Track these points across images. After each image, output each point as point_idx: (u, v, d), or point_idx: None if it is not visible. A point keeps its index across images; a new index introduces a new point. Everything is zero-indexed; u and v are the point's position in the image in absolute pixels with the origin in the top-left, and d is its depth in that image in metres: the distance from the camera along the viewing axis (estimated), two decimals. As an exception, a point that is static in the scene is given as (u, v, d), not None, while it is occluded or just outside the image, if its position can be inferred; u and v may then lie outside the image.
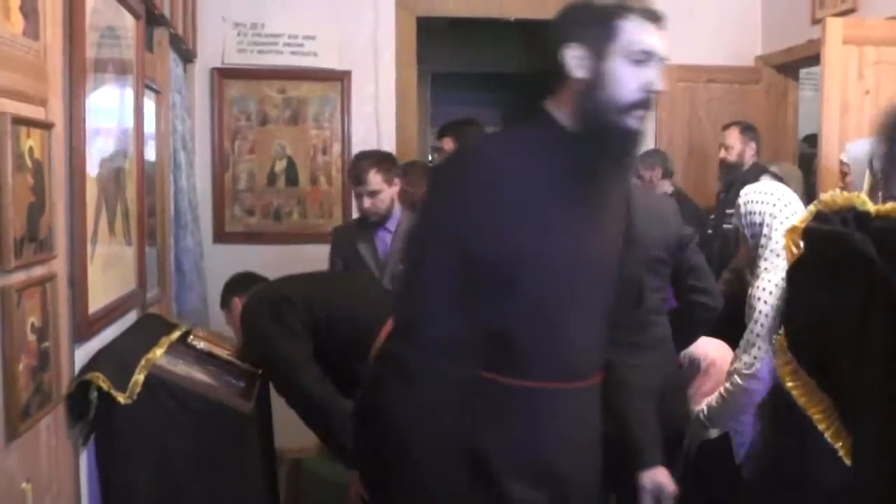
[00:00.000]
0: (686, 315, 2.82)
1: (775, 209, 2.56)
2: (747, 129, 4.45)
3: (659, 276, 2.70)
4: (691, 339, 2.88)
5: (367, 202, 3.43)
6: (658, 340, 2.67)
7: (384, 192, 3.42)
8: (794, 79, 5.06)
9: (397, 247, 3.45)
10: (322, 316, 2.75)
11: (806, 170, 4.94)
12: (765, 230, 2.57)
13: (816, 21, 4.31)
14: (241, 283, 3.14)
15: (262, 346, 2.76)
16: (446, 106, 7.90)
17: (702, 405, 2.68)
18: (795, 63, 4.84)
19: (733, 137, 4.42)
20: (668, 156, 4.69)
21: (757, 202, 2.61)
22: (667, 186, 4.65)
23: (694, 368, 2.88)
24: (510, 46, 7.29)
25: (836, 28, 3.60)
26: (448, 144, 3.93)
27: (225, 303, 3.17)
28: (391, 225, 3.51)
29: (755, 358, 2.41)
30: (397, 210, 3.52)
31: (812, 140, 5.14)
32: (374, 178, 3.38)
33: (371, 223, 3.50)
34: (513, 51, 7.40)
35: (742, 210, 2.63)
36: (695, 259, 2.82)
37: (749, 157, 4.40)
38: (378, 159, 3.48)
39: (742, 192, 2.68)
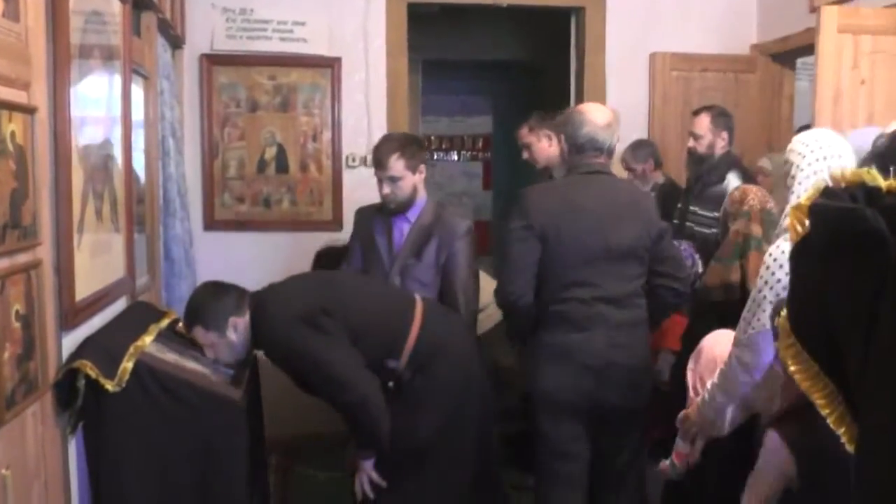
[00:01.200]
0: (655, 299, 3.06)
1: (804, 161, 2.38)
2: (719, 117, 3.99)
3: (643, 263, 2.98)
4: (659, 321, 3.19)
5: (386, 188, 3.18)
6: (638, 321, 2.99)
7: (406, 178, 3.17)
8: (791, 68, 5.03)
9: (412, 239, 3.23)
10: (357, 321, 2.78)
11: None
12: (788, 181, 2.45)
13: (814, 9, 4.28)
14: (228, 304, 2.76)
15: (310, 363, 2.69)
16: (437, 94, 7.85)
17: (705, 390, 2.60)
18: (792, 52, 4.80)
19: (703, 126, 3.97)
20: (657, 146, 4.66)
21: (790, 151, 2.47)
22: (658, 177, 4.62)
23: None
24: (502, 33, 7.26)
25: (831, 16, 3.58)
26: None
27: (215, 325, 2.75)
28: (412, 214, 3.26)
29: (755, 324, 2.31)
30: (421, 199, 3.26)
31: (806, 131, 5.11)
32: (396, 164, 3.14)
33: (390, 210, 3.26)
34: (505, 38, 7.37)
35: (785, 157, 2.51)
36: (671, 250, 3.10)
37: (720, 148, 3.95)
38: (402, 143, 3.22)
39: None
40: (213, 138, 4.64)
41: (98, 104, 2.64)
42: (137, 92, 3.22)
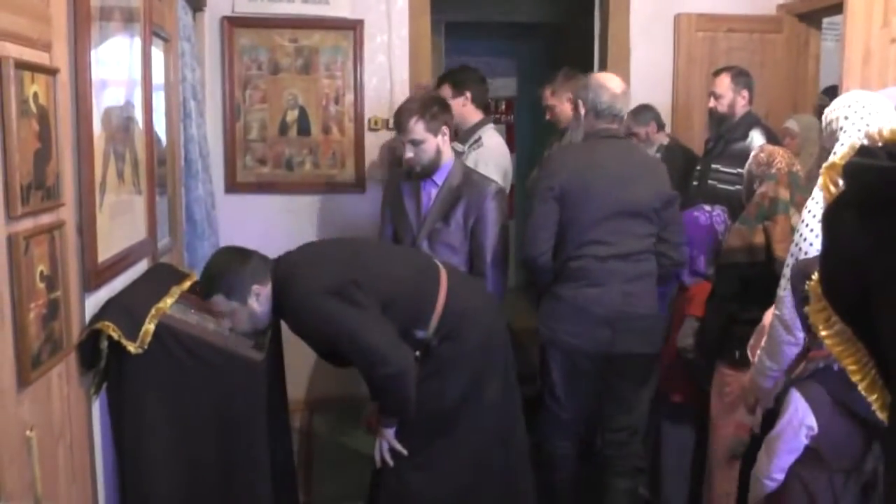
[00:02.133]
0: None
1: (849, 122, 2.35)
2: (739, 76, 4.08)
3: (653, 223, 3.17)
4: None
5: (409, 152, 3.17)
6: (647, 274, 3.19)
7: (428, 142, 3.15)
8: (817, 28, 4.94)
9: (440, 203, 3.24)
10: (386, 292, 2.72)
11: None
12: (831, 142, 2.41)
13: (841, -33, 4.19)
14: (251, 271, 2.70)
15: (346, 337, 2.63)
16: (460, 56, 7.76)
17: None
18: (818, 12, 4.71)
19: (723, 85, 4.06)
20: (657, 110, 4.59)
21: (833, 111, 2.45)
22: (663, 138, 4.57)
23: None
24: (525, -5, 7.17)
25: (861, -27, 3.49)
26: (446, 91, 3.88)
27: (238, 293, 2.68)
28: (439, 177, 3.25)
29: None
30: (448, 162, 3.25)
31: (832, 92, 5.02)
32: (416, 127, 3.13)
33: (417, 174, 3.25)
34: (529, 0, 7.27)
35: (823, 122, 2.49)
36: (677, 218, 3.27)
37: (741, 107, 4.05)
38: (422, 106, 3.18)
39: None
40: (235, 101, 4.62)
41: (119, 66, 2.63)
42: (158, 54, 3.21)
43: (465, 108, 3.91)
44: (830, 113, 2.47)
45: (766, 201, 2.97)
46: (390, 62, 4.73)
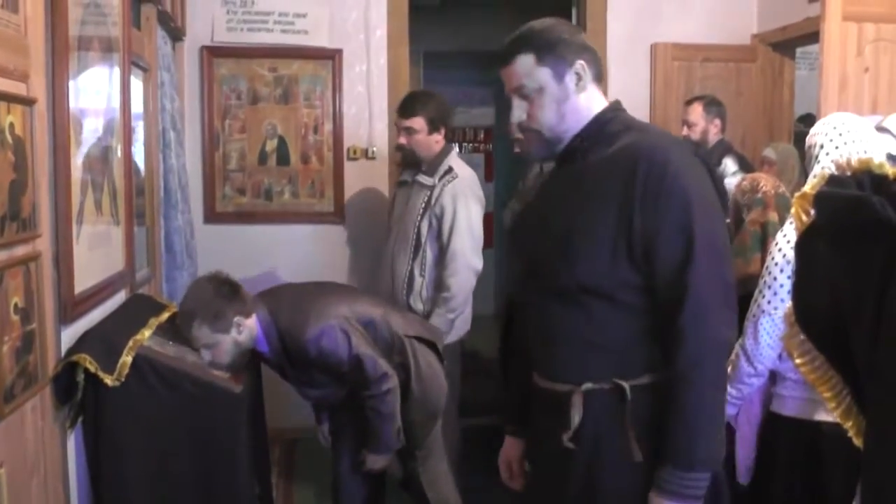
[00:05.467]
0: None
1: (827, 138, 2.40)
2: (711, 105, 4.21)
3: None
4: None
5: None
6: None
7: (221, 343, 2.66)
8: (791, 57, 5.01)
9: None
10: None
11: (802, 149, 4.89)
12: (812, 164, 2.43)
13: (813, -1, 4.26)
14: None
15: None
16: (438, 85, 7.81)
17: None
18: (792, 41, 4.78)
19: (696, 114, 4.19)
20: None
21: (814, 134, 2.47)
22: None
23: None
24: (503, 24, 7.21)
25: (835, 4, 3.56)
26: (418, 123, 3.54)
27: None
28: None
29: (755, 311, 2.35)
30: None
31: (808, 120, 5.09)
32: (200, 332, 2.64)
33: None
34: (506, 28, 7.31)
35: (805, 147, 2.51)
36: None
37: (714, 135, 4.17)
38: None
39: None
40: (214, 130, 4.62)
41: (97, 96, 2.62)
42: (137, 84, 3.21)
43: (429, 138, 3.63)
44: (811, 138, 2.49)
45: (756, 227, 2.97)
46: (369, 91, 4.75)
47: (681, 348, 1.66)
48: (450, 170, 3.54)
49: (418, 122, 3.52)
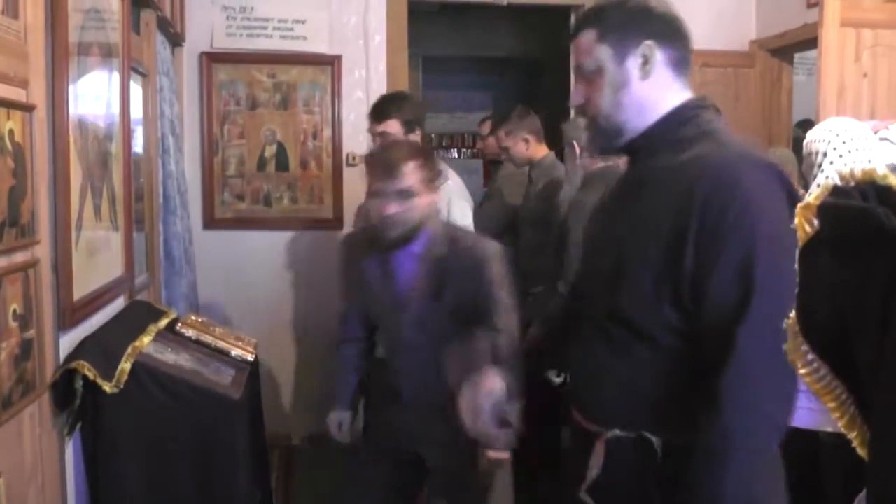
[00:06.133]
0: None
1: (830, 146, 2.33)
2: None
3: None
4: None
5: (391, 205, 2.54)
6: None
7: (421, 196, 2.50)
8: (789, 63, 5.03)
9: (424, 281, 2.53)
10: None
11: (800, 154, 4.90)
12: (814, 169, 2.37)
13: (812, 4, 4.27)
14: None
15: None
16: (437, 90, 7.84)
17: None
18: (790, 47, 4.80)
19: None
20: None
21: (813, 140, 2.42)
22: None
23: None
24: (502, 30, 7.25)
25: (833, 10, 3.57)
26: (394, 127, 3.26)
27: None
28: (417, 247, 2.57)
29: None
30: (429, 228, 2.56)
31: (806, 125, 5.09)
32: (412, 174, 2.51)
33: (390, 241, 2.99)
34: (505, 34, 7.35)
35: (804, 152, 2.48)
36: None
37: None
38: (418, 149, 2.68)
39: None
40: (213, 136, 4.62)
41: (97, 102, 2.62)
42: (136, 89, 3.21)
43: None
44: (811, 144, 2.47)
45: None
46: (368, 97, 4.74)
47: (714, 415, 1.37)
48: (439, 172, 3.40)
49: (393, 126, 3.23)
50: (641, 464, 1.49)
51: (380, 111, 3.30)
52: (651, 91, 1.56)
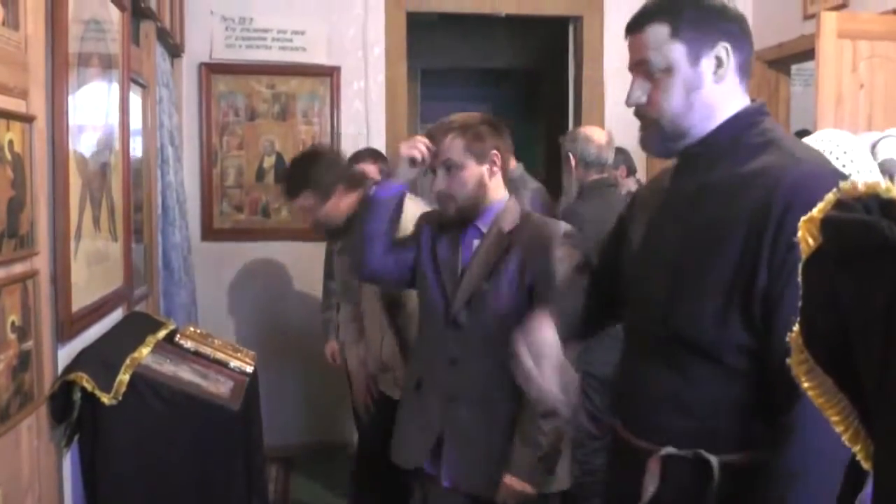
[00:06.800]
0: None
1: (833, 156, 2.33)
2: None
3: None
4: None
5: (439, 180, 2.41)
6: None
7: (467, 169, 2.34)
8: (786, 74, 5.04)
9: (482, 255, 2.32)
10: None
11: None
12: None
13: (808, 16, 4.29)
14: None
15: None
16: (435, 101, 7.85)
17: None
18: (787, 58, 4.80)
19: None
20: (630, 153, 4.62)
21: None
22: (632, 184, 4.61)
23: None
24: (500, 42, 7.26)
25: (830, 22, 3.57)
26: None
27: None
28: (483, 223, 2.38)
29: None
30: (496, 203, 2.36)
31: (803, 135, 5.08)
32: (453, 144, 2.36)
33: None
34: (503, 46, 7.37)
35: None
36: None
37: None
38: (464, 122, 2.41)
39: None
40: (212, 147, 4.62)
41: (96, 112, 2.62)
42: (136, 100, 3.21)
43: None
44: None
45: None
46: (367, 108, 4.76)
47: (785, 448, 1.30)
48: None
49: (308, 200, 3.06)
50: (698, 484, 1.42)
51: (291, 189, 3.09)
52: (720, 95, 1.48)
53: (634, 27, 1.53)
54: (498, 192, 2.36)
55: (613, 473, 1.68)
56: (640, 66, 1.51)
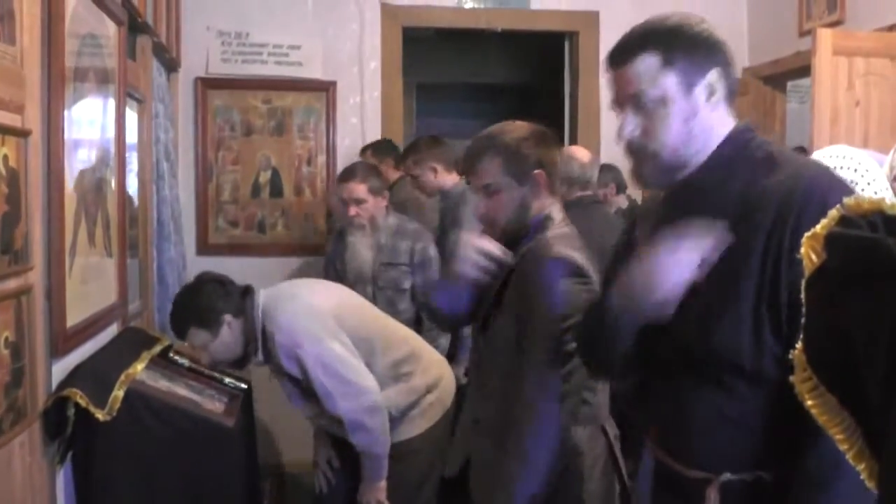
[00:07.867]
0: None
1: (856, 174, 2.30)
2: None
3: None
4: None
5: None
6: None
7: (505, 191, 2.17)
8: (782, 91, 5.05)
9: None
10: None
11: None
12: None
13: (804, 33, 4.30)
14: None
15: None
16: (431, 117, 7.87)
17: None
18: (783, 75, 4.82)
19: None
20: (619, 170, 4.60)
21: (836, 169, 2.38)
22: (622, 201, 4.61)
23: None
24: (496, 57, 7.28)
25: (826, 39, 3.58)
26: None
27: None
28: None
29: None
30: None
31: (799, 152, 5.11)
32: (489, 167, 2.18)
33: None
34: (499, 61, 7.39)
35: None
36: None
37: None
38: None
39: None
40: (208, 162, 4.62)
41: (92, 127, 2.62)
42: (132, 115, 3.20)
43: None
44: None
45: None
46: (363, 123, 4.76)
47: (816, 446, 1.27)
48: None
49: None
50: None
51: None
52: (716, 121, 1.48)
53: (620, 60, 1.49)
54: (543, 206, 2.14)
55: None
56: (632, 98, 1.47)
